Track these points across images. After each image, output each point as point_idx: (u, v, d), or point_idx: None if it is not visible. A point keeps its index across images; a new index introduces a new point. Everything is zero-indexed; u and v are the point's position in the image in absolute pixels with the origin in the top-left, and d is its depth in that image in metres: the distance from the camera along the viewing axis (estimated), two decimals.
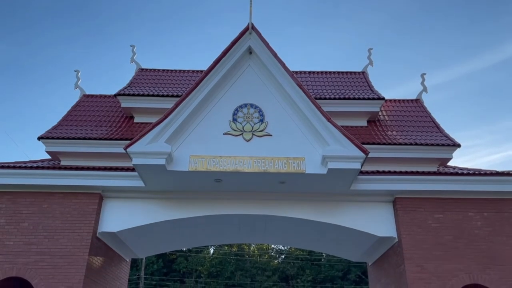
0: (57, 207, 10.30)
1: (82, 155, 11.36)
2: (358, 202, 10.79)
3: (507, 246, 9.99)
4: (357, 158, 9.50)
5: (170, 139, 9.63)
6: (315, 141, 9.84)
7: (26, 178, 10.29)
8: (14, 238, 9.95)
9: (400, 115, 13.14)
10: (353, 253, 13.13)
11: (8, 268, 9.65)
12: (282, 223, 11.30)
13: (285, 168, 9.62)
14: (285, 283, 40.18)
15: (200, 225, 11.36)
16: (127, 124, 12.49)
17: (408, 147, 11.35)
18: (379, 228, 10.59)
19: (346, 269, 40.00)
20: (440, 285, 9.65)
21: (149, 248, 13.30)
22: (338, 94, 12.98)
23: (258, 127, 10.03)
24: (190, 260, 40.72)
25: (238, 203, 10.79)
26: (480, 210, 10.38)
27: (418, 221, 10.31)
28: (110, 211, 10.64)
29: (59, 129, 11.87)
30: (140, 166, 9.51)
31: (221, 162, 9.63)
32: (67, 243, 9.94)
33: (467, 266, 9.83)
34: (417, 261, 9.90)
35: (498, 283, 9.64)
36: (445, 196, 10.52)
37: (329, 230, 11.23)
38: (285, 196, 10.75)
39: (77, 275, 9.61)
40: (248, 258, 43.21)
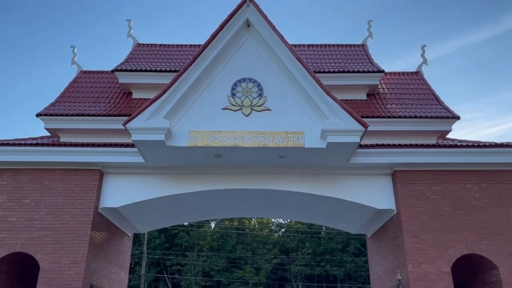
0: (58, 184, 10.37)
1: (81, 132, 11.34)
2: (357, 175, 10.86)
3: (504, 217, 10.12)
4: (356, 132, 9.49)
5: (169, 114, 9.60)
6: (314, 115, 9.81)
7: (27, 155, 10.32)
8: (16, 214, 10.06)
9: (400, 88, 13.06)
10: (352, 226, 13.30)
11: (12, 243, 9.79)
12: (281, 197, 11.39)
13: (284, 142, 9.63)
14: (285, 256, 40.89)
15: (200, 200, 11.47)
16: (125, 100, 12.43)
17: (408, 120, 11.33)
18: (378, 200, 10.69)
19: (346, 242, 40.65)
20: (437, 255, 9.82)
21: (151, 223, 13.46)
22: (337, 67, 12.86)
23: (257, 101, 9.99)
24: (192, 235, 41.31)
25: (238, 177, 10.85)
26: (478, 181, 10.46)
27: (417, 193, 10.40)
28: (111, 187, 10.72)
29: (57, 106, 11.81)
30: (140, 142, 9.52)
31: (220, 137, 9.63)
32: (69, 218, 10.06)
33: (464, 237, 9.98)
34: (415, 232, 10.04)
35: (495, 253, 9.81)
36: (444, 168, 10.58)
37: (329, 204, 11.33)
38: (284, 170, 10.80)
39: (80, 249, 9.76)
40: (249, 232, 43.82)
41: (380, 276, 12.27)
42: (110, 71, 13.48)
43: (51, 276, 9.50)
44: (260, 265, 39.25)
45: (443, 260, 9.79)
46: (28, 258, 9.88)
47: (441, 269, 9.71)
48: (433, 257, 9.81)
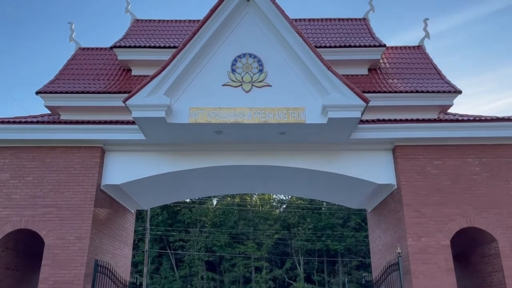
0: (60, 161, 10.42)
1: (82, 109, 11.31)
2: (358, 150, 10.88)
3: (504, 190, 10.18)
4: (357, 107, 9.46)
5: (169, 91, 9.55)
6: (315, 90, 9.76)
7: (28, 133, 10.34)
8: (20, 192, 10.14)
9: (402, 63, 12.92)
10: (353, 201, 13.41)
11: (16, 220, 9.92)
12: (282, 173, 11.45)
13: (285, 118, 9.61)
14: (286, 231, 41.41)
15: (202, 176, 11.53)
16: (124, 77, 12.34)
17: (409, 95, 11.25)
18: (378, 175, 10.74)
19: (346, 217, 41.08)
20: (437, 229, 9.93)
21: (153, 200, 13.57)
22: (338, 42, 12.70)
23: (257, 77, 9.91)
24: (194, 211, 41.75)
25: (239, 154, 10.88)
26: (479, 156, 10.49)
27: (418, 168, 10.44)
28: (112, 164, 10.77)
29: (56, 83, 11.74)
30: (140, 119, 9.51)
31: (221, 113, 9.61)
32: (72, 195, 10.15)
33: (464, 211, 10.07)
34: (415, 206, 10.13)
35: (494, 226, 9.91)
36: (445, 143, 10.59)
37: (329, 179, 11.39)
38: (285, 147, 10.82)
39: (84, 226, 9.89)
40: (250, 208, 44.25)
41: (380, 250, 12.44)
42: (108, 48, 13.33)
43: (56, 252, 9.66)
44: (262, 240, 39.79)
45: (443, 233, 9.91)
46: (33, 234, 10.01)
47: (440, 242, 9.84)
48: (433, 230, 9.92)
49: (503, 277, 9.57)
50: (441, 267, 9.65)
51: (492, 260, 10.09)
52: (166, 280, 38.49)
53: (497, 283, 9.87)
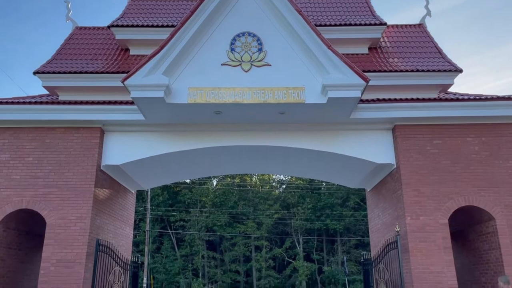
0: (59, 142, 10.42)
1: (80, 89, 11.24)
2: (357, 130, 10.87)
3: (503, 169, 10.22)
4: (357, 86, 9.40)
5: (168, 71, 9.48)
6: (315, 69, 9.69)
7: (27, 113, 10.31)
8: (20, 172, 10.17)
9: (402, 41, 12.78)
10: (352, 180, 13.46)
11: (18, 201, 9.97)
12: (282, 153, 11.46)
13: (285, 98, 9.56)
14: (286, 211, 41.75)
15: (201, 156, 11.54)
16: (123, 57, 12.22)
17: (409, 74, 11.17)
18: (378, 155, 10.76)
19: (345, 197, 41.36)
20: (436, 208, 10.01)
21: (153, 180, 13.63)
22: (338, 20, 12.54)
23: (256, 56, 9.82)
24: (194, 192, 42.00)
25: (239, 134, 10.87)
26: (478, 135, 10.49)
27: (417, 148, 10.46)
28: (112, 144, 10.77)
29: (54, 63, 11.63)
30: (139, 99, 9.47)
31: (220, 93, 9.56)
32: (73, 176, 10.18)
33: (462, 189, 10.12)
34: (414, 185, 10.18)
35: (492, 204, 9.99)
36: (445, 122, 10.58)
37: (329, 159, 11.41)
38: (285, 127, 10.80)
39: (85, 206, 9.95)
40: (250, 188, 44.50)
41: (379, 229, 12.57)
42: (106, 27, 13.17)
43: (57, 231, 9.75)
44: (262, 220, 40.16)
45: (441, 212, 9.99)
46: (34, 214, 10.09)
47: (439, 221, 9.93)
48: (431, 209, 10.00)
49: (500, 254, 9.70)
50: (439, 245, 9.76)
51: (490, 238, 10.20)
52: (167, 259, 38.99)
53: (494, 260, 10.00)
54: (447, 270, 9.58)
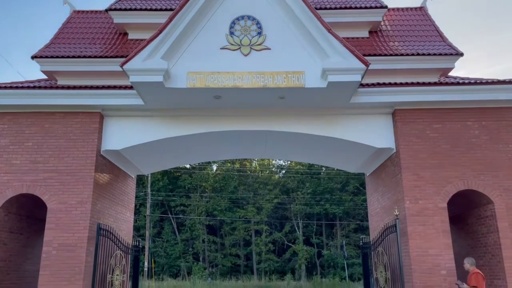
0: (59, 127, 10.41)
1: (79, 74, 11.18)
2: (357, 115, 10.85)
3: (503, 153, 10.24)
4: (357, 70, 9.35)
5: (166, 55, 9.41)
6: (315, 53, 9.62)
7: (26, 98, 10.27)
8: (20, 157, 10.19)
9: (403, 25, 12.66)
10: (352, 165, 13.49)
11: (18, 185, 10.01)
12: (282, 138, 11.46)
13: (285, 82, 9.51)
14: (286, 196, 41.96)
15: (201, 141, 11.54)
16: (121, 41, 12.12)
17: (410, 58, 11.10)
18: (378, 139, 10.77)
19: (345, 181, 41.53)
20: (435, 192, 10.05)
21: (153, 165, 13.66)
22: (339, 3, 12.40)
23: (256, 40, 9.74)
24: (194, 177, 42.15)
25: (238, 119, 10.85)
26: (478, 119, 10.47)
27: (417, 132, 10.45)
28: (112, 129, 10.77)
29: (52, 47, 11.54)
30: (138, 84, 9.42)
31: (219, 78, 9.50)
32: (73, 161, 10.20)
33: (462, 173, 10.15)
34: (414, 170, 10.21)
35: (491, 188, 10.03)
36: (445, 106, 10.55)
37: (329, 144, 11.42)
38: (284, 111, 10.77)
39: (86, 190, 9.99)
40: (250, 173, 44.65)
41: (378, 213, 12.64)
42: (104, 10, 13.03)
43: (59, 216, 9.81)
44: (262, 205, 40.39)
45: (440, 196, 10.04)
46: (35, 199, 10.13)
47: (438, 205, 9.98)
48: (430, 193, 10.05)
49: (498, 237, 9.78)
50: (437, 228, 9.84)
51: (488, 221, 10.27)
52: (168, 243, 39.35)
53: (492, 243, 10.09)
54: (445, 253, 9.67)
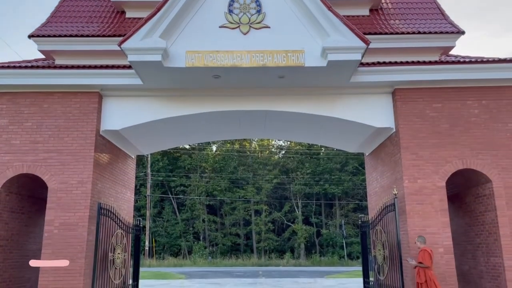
0: (58, 107, 10.37)
1: (76, 53, 11.07)
2: (357, 94, 10.81)
3: (502, 132, 10.25)
4: (357, 49, 9.26)
5: (165, 34, 9.30)
6: (315, 32, 9.52)
7: (23, 78, 10.20)
8: (20, 137, 10.18)
9: (404, 2, 12.48)
10: (351, 145, 13.51)
11: (18, 165, 10.04)
12: (282, 117, 11.44)
13: (284, 61, 9.43)
14: (285, 176, 42.18)
15: (201, 121, 11.53)
16: (118, 20, 11.96)
17: (411, 36, 10.99)
18: (377, 119, 10.76)
19: (344, 162, 41.70)
20: (433, 171, 10.10)
21: (153, 145, 13.67)
22: None
23: (255, 18, 9.62)
24: (194, 157, 42.29)
25: (238, 99, 10.80)
26: (479, 98, 10.44)
27: (417, 111, 10.43)
28: (111, 109, 10.73)
29: (49, 26, 11.40)
30: (136, 63, 9.35)
31: (218, 57, 9.42)
32: (72, 141, 10.20)
33: (461, 153, 10.18)
34: (413, 149, 10.23)
35: (489, 167, 10.07)
36: (445, 86, 10.51)
37: (328, 123, 11.41)
38: (284, 91, 10.72)
39: (86, 170, 10.02)
40: (250, 154, 44.75)
41: (377, 192, 12.73)
42: None
43: (59, 196, 9.87)
44: (261, 185, 40.64)
45: (439, 175, 10.09)
46: (35, 179, 10.18)
47: (436, 184, 10.04)
48: (429, 172, 10.10)
49: (495, 216, 9.87)
50: (436, 207, 9.92)
51: (486, 200, 10.35)
52: (168, 223, 39.74)
53: (489, 221, 10.20)
54: (442, 232, 9.78)
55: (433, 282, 8.84)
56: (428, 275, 8.96)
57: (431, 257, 9.05)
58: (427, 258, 8.99)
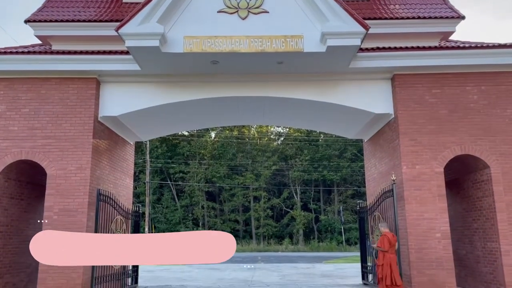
0: (55, 93, 10.32)
1: (73, 39, 10.97)
2: (356, 80, 10.77)
3: (500, 118, 10.24)
4: (357, 34, 9.20)
5: (162, 19, 9.22)
6: (314, 17, 9.44)
7: (20, 63, 10.15)
8: (17, 123, 10.15)
9: None
10: (350, 131, 13.51)
11: (17, 152, 10.02)
12: (280, 104, 11.41)
13: (283, 47, 9.38)
14: (284, 163, 42.24)
15: (199, 108, 11.49)
16: (115, 5, 11.82)
17: (410, 21, 10.90)
18: (376, 105, 10.74)
19: (343, 148, 41.74)
20: (432, 157, 10.12)
21: (151, 131, 13.66)
22: None
23: (254, 3, 9.52)
24: (193, 144, 42.28)
25: (236, 85, 10.76)
26: (478, 83, 10.41)
27: (416, 97, 10.41)
28: (109, 95, 10.69)
29: (45, 11, 11.26)
30: (134, 49, 9.28)
31: (217, 42, 9.35)
32: (70, 127, 10.18)
33: (459, 138, 10.19)
34: (412, 135, 10.23)
35: (488, 153, 10.09)
36: (445, 71, 10.47)
37: (327, 109, 11.39)
38: (283, 77, 10.68)
39: (84, 156, 10.02)
40: (249, 141, 44.75)
41: (375, 178, 12.77)
42: None
43: (58, 182, 9.88)
44: (260, 171, 40.72)
45: (437, 161, 10.11)
46: (34, 165, 10.18)
47: (434, 170, 10.07)
48: (427, 158, 10.12)
49: (493, 201, 9.93)
50: (434, 193, 9.97)
51: (483, 185, 10.40)
52: (168, 209, 39.92)
53: (487, 207, 10.26)
54: (440, 217, 9.84)
55: (389, 265, 9.33)
56: (386, 258, 9.45)
57: (390, 242, 9.48)
58: (385, 243, 9.47)
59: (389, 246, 9.48)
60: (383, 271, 9.39)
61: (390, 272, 9.29)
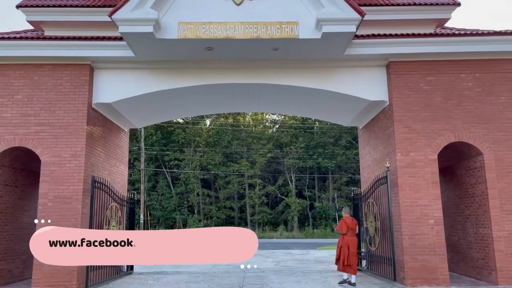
0: (48, 79, 10.23)
1: (66, 24, 10.82)
2: (351, 67, 10.75)
3: (494, 105, 10.29)
4: (352, 21, 9.16)
5: (156, 4, 9.12)
6: (310, 3, 9.37)
7: (12, 49, 10.02)
8: (10, 110, 10.07)
9: None
10: (345, 118, 13.53)
11: (10, 139, 9.96)
12: (275, 91, 11.38)
13: (278, 33, 9.32)
14: (279, 150, 42.32)
15: (194, 95, 11.44)
16: None
17: (406, 8, 10.84)
18: (371, 92, 10.75)
19: (338, 136, 41.83)
20: (426, 144, 10.17)
21: (146, 118, 13.60)
22: None
23: None
24: (188, 132, 42.19)
25: (231, 72, 10.71)
26: (472, 71, 10.43)
27: (411, 84, 10.42)
28: (102, 82, 10.61)
29: None
30: (128, 34, 9.19)
31: (211, 28, 9.28)
32: (64, 114, 10.11)
33: (453, 126, 10.24)
34: (406, 122, 10.27)
35: (481, 140, 10.16)
36: (440, 58, 10.47)
37: (322, 97, 11.38)
38: (278, 64, 10.64)
39: (78, 143, 9.98)
40: (244, 128, 44.71)
41: (370, 165, 12.84)
42: None
43: (53, 169, 9.85)
44: (255, 159, 40.78)
45: (431, 148, 10.17)
46: (28, 152, 10.13)
47: (428, 157, 10.13)
48: (421, 145, 10.17)
49: (485, 188, 10.03)
50: (427, 180, 10.04)
51: (477, 172, 10.49)
52: (163, 196, 39.98)
53: (479, 194, 10.36)
54: (433, 204, 9.94)
55: (348, 246, 10.07)
56: (344, 240, 10.21)
57: (348, 226, 10.24)
58: (343, 226, 10.27)
59: (347, 230, 10.21)
60: (342, 252, 10.13)
61: (348, 253, 10.00)
